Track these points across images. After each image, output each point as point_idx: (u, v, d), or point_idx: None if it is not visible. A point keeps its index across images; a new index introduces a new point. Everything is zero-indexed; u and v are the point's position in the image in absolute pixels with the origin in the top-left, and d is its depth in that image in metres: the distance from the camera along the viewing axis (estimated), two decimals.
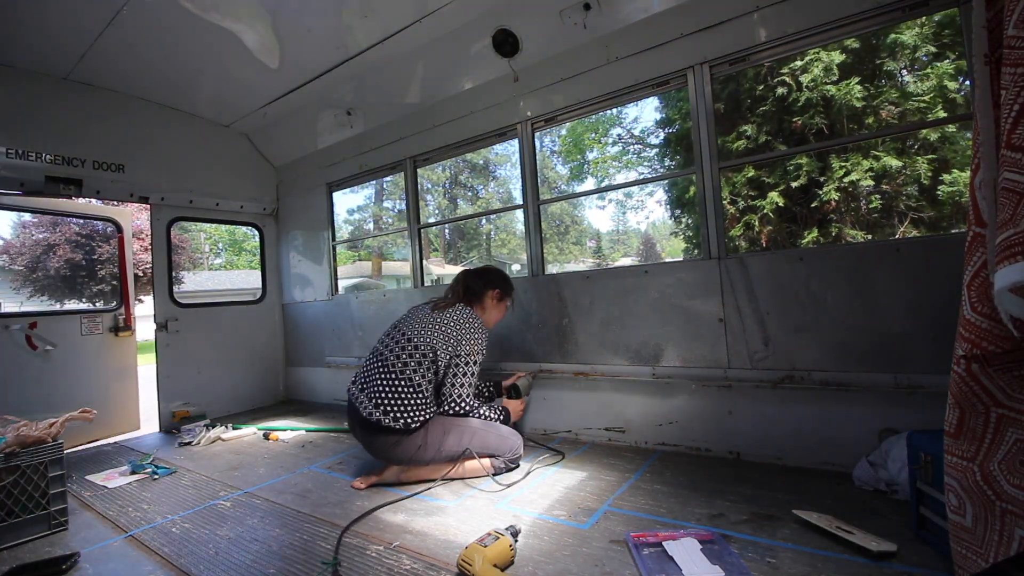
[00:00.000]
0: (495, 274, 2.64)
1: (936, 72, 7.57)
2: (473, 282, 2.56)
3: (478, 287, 2.55)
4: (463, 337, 2.31)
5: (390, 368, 2.25)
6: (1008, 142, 0.96)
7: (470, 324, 2.36)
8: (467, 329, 2.34)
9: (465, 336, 2.31)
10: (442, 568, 1.53)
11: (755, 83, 8.79)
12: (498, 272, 2.67)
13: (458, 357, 2.28)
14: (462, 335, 2.31)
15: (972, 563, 1.13)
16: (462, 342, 2.30)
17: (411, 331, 2.33)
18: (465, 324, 2.35)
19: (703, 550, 1.49)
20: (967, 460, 1.15)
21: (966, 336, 1.09)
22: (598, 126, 15.91)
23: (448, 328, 2.32)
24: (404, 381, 2.21)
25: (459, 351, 2.29)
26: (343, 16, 2.78)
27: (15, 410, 2.54)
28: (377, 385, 2.23)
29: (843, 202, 8.41)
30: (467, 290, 2.54)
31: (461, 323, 2.35)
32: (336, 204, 4.31)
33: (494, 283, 2.58)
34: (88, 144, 3.40)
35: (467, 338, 2.31)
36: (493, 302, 2.58)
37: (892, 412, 2.00)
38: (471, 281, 2.57)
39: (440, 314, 2.38)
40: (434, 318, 2.36)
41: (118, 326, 3.79)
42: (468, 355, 2.30)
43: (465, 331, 2.33)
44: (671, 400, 2.55)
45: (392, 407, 2.17)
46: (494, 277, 2.61)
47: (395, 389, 2.20)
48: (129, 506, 2.22)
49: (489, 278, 2.59)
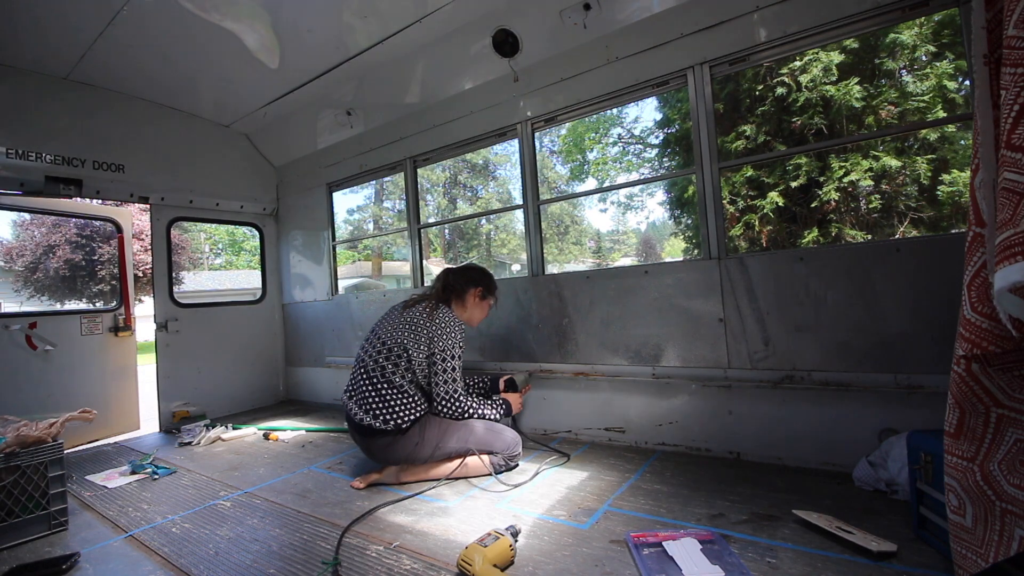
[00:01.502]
0: (477, 271, 2.58)
1: (935, 72, 7.57)
2: (455, 280, 2.51)
3: (460, 285, 2.50)
4: (435, 334, 2.26)
5: (371, 373, 2.25)
6: (1008, 142, 0.97)
7: (442, 320, 2.30)
8: (439, 325, 2.28)
9: (438, 332, 2.27)
10: (442, 568, 1.53)
11: (754, 83, 8.79)
12: (480, 270, 2.61)
13: (433, 355, 2.25)
14: (434, 332, 2.27)
15: (972, 563, 1.14)
16: (435, 339, 2.25)
17: (384, 333, 2.32)
18: (437, 320, 2.29)
19: (703, 550, 1.50)
20: (967, 460, 1.15)
21: (966, 336, 1.09)
22: (598, 126, 15.91)
23: (417, 325, 2.29)
24: (385, 384, 2.22)
25: (433, 348, 2.25)
26: (343, 16, 2.78)
27: (16, 410, 2.55)
28: (363, 391, 2.24)
29: (843, 202, 8.41)
30: (446, 288, 2.49)
31: (432, 319, 2.29)
32: (336, 204, 4.31)
33: (476, 281, 2.53)
34: (88, 144, 3.39)
35: (440, 334, 2.26)
36: (475, 300, 2.52)
37: (892, 412, 2.00)
38: (452, 279, 2.51)
39: (409, 311, 2.35)
40: (404, 316, 2.34)
41: (118, 326, 3.79)
42: (444, 351, 2.25)
43: (437, 327, 2.28)
44: (671, 400, 2.55)
45: (380, 410, 2.18)
46: (476, 275, 2.56)
47: (379, 393, 2.20)
48: (129, 506, 2.22)
49: (471, 276, 2.54)
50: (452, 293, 2.49)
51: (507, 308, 3.13)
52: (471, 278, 2.53)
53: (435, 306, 2.37)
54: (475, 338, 3.30)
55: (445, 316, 2.33)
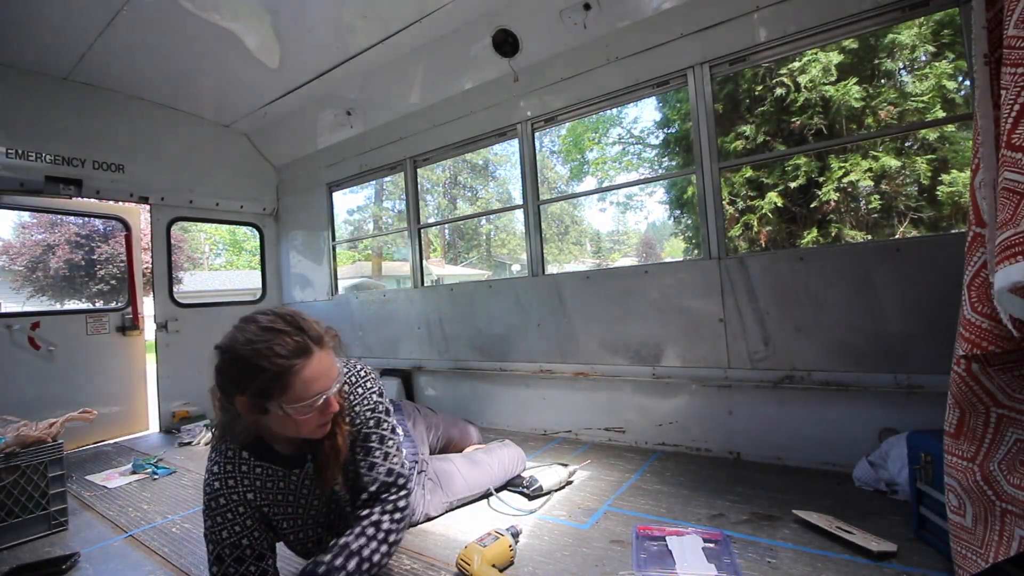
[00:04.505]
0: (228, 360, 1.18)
1: (935, 72, 7.57)
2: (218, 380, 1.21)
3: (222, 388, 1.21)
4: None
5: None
6: (1008, 142, 0.97)
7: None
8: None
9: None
10: (441, 568, 1.53)
11: (753, 84, 8.79)
12: (232, 357, 1.17)
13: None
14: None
15: (972, 563, 1.13)
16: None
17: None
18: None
19: (704, 548, 1.50)
20: (967, 460, 1.15)
21: (966, 336, 1.09)
22: (598, 126, 15.90)
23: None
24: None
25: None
26: (343, 16, 2.78)
27: (19, 411, 2.54)
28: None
29: (842, 202, 8.41)
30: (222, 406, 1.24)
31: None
32: (336, 204, 4.31)
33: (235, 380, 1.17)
34: (88, 144, 3.39)
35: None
36: (249, 412, 1.18)
37: (892, 412, 2.00)
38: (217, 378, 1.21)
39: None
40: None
41: (125, 326, 3.76)
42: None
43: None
44: (671, 400, 2.55)
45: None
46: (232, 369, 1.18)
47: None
48: (129, 506, 2.22)
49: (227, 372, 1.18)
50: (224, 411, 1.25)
51: (507, 308, 3.13)
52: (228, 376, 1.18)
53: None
54: (475, 338, 3.30)
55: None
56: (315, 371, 1.17)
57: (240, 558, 1.23)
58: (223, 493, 1.23)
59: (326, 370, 1.20)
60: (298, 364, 1.15)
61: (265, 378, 1.12)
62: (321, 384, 1.18)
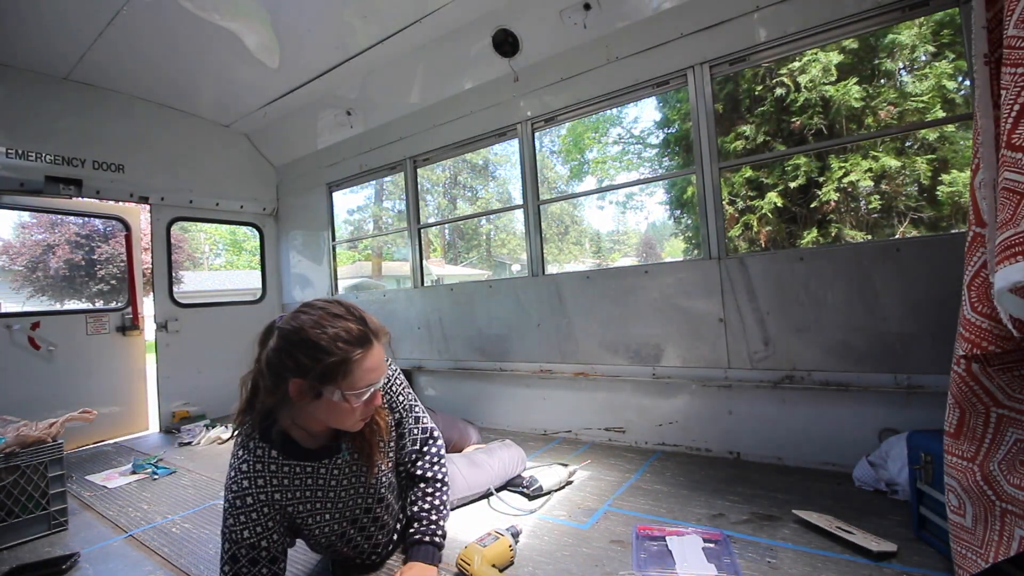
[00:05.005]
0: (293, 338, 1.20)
1: (935, 72, 7.57)
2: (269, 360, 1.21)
3: (273, 370, 1.20)
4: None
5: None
6: (1008, 142, 0.97)
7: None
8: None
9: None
10: (441, 567, 1.52)
11: (753, 84, 8.79)
12: (298, 336, 1.19)
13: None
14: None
15: (972, 563, 1.13)
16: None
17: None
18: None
19: (704, 549, 1.50)
20: (967, 460, 1.15)
21: (966, 336, 1.09)
22: (598, 126, 15.90)
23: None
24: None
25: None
26: (343, 16, 2.78)
27: (19, 411, 2.54)
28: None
29: (842, 202, 8.41)
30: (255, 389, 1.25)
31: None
32: (336, 204, 4.31)
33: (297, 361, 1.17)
34: (88, 144, 3.39)
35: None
36: (304, 398, 1.20)
37: (892, 412, 2.00)
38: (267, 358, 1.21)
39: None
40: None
41: (125, 326, 3.76)
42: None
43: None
44: (671, 400, 2.55)
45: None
46: (296, 347, 1.19)
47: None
48: (129, 506, 2.22)
49: (287, 349, 1.20)
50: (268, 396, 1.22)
51: (507, 308, 3.13)
52: (291, 357, 1.18)
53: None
54: (475, 338, 3.30)
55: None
56: (373, 362, 1.22)
57: (255, 559, 1.22)
58: (251, 492, 1.22)
59: (380, 363, 1.25)
60: (360, 353, 1.19)
61: (331, 362, 1.15)
62: (375, 375, 1.23)
